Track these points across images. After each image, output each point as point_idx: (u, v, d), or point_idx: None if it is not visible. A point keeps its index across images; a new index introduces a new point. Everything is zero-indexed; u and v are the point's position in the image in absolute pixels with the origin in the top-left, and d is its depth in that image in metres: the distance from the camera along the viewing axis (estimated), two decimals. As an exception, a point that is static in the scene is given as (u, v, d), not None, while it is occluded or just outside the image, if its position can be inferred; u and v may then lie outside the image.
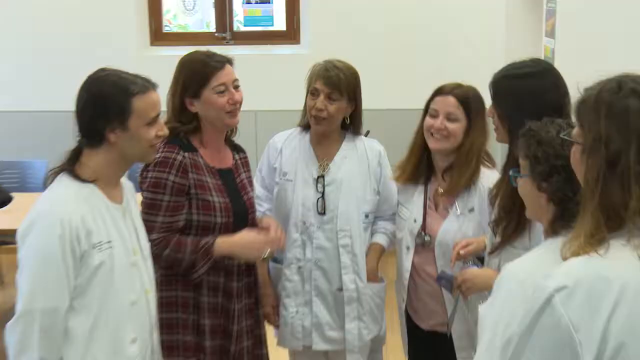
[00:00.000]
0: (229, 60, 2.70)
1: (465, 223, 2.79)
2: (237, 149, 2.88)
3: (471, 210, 2.79)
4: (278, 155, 3.07)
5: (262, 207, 3.08)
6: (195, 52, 2.73)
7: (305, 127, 3.07)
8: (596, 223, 1.42)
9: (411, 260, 2.89)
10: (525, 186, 1.92)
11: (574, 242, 1.44)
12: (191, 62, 2.68)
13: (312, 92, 2.95)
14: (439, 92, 2.82)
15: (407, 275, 2.91)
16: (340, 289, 3.01)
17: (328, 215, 2.99)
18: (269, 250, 2.71)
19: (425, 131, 2.82)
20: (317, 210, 2.99)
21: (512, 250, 2.32)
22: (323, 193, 2.99)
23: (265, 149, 3.14)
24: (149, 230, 2.50)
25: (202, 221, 2.65)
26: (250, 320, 2.83)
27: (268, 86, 5.51)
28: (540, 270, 1.44)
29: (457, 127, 2.77)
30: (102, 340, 2.14)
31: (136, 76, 2.18)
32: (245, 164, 2.88)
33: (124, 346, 2.19)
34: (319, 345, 3.06)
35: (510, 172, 1.99)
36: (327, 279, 3.02)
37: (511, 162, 2.32)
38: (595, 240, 1.42)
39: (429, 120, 2.81)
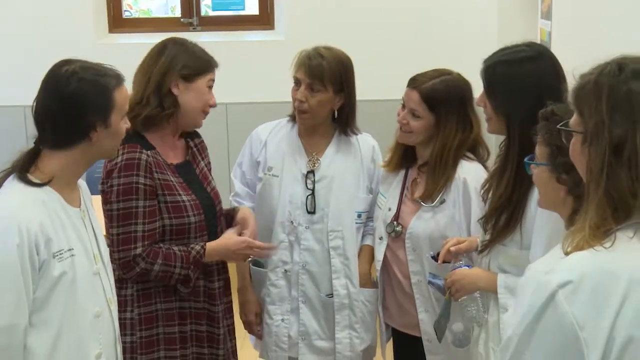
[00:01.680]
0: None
1: (437, 215, 2.83)
2: (190, 135, 2.83)
3: (443, 202, 2.82)
4: (262, 148, 3.05)
5: (242, 206, 3.09)
6: (187, 40, 2.75)
7: (294, 118, 3.05)
8: (602, 214, 1.42)
9: (383, 252, 2.93)
10: (542, 175, 1.93)
11: (577, 235, 1.44)
12: (192, 48, 2.71)
13: (294, 82, 2.95)
14: (409, 82, 2.86)
15: (378, 267, 2.96)
16: (330, 295, 3.00)
17: (318, 214, 2.98)
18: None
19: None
20: (306, 209, 2.98)
21: (504, 249, 2.36)
22: (313, 190, 2.99)
23: (247, 141, 3.12)
24: (130, 242, 2.51)
25: (176, 224, 2.63)
26: (230, 319, 2.84)
27: (240, 76, 5.49)
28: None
29: (418, 125, 2.81)
30: (64, 358, 2.12)
31: (105, 67, 2.19)
32: (202, 149, 2.86)
33: None
34: (306, 356, 3.05)
35: (526, 159, 2.00)
36: (316, 284, 3.01)
37: (511, 154, 2.35)
38: (600, 233, 1.42)
39: (399, 110, 2.88)
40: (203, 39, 5.64)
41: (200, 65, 2.67)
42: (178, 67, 2.64)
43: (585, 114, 1.48)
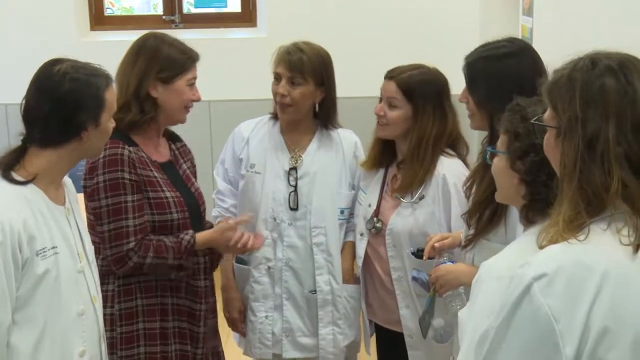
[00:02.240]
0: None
1: (417, 211, 2.85)
2: (173, 138, 2.86)
3: (422, 198, 2.84)
4: (244, 145, 3.06)
5: (225, 204, 3.09)
6: (165, 35, 2.73)
7: (276, 115, 3.06)
8: (575, 208, 1.44)
9: (364, 249, 2.95)
10: (499, 164, 1.95)
11: (551, 229, 1.46)
12: (169, 47, 2.68)
13: (275, 77, 2.96)
14: (386, 74, 2.89)
15: (360, 263, 2.97)
16: (313, 291, 3.02)
17: (301, 210, 3.00)
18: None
19: None
20: (289, 206, 2.99)
21: (488, 244, 2.37)
22: (296, 187, 3.00)
23: (229, 139, 3.13)
24: (123, 237, 2.53)
25: (159, 221, 2.64)
26: (214, 319, 2.85)
27: (222, 74, 5.48)
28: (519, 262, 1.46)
29: (396, 115, 2.83)
30: (48, 356, 2.11)
31: (95, 67, 2.20)
32: (184, 153, 2.87)
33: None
34: (290, 353, 3.06)
35: (487, 148, 2.02)
36: (299, 280, 3.03)
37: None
38: (574, 226, 1.44)
39: (377, 105, 2.89)
40: (185, 36, 5.61)
41: (178, 66, 2.67)
42: (154, 70, 2.63)
43: (559, 109, 1.50)
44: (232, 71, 5.49)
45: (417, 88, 2.81)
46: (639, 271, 1.41)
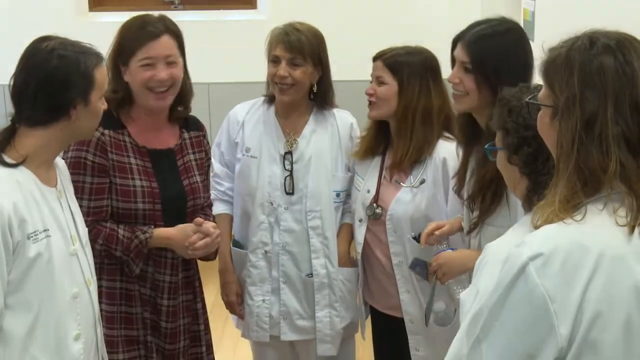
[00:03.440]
0: (170, 31, 2.63)
1: (417, 195, 2.86)
2: (189, 126, 2.81)
3: (422, 182, 2.85)
4: (240, 129, 3.07)
5: (221, 187, 3.11)
6: (141, 15, 2.68)
7: (270, 99, 3.07)
8: (572, 188, 1.45)
9: (363, 235, 2.96)
10: (500, 159, 1.96)
11: (546, 208, 1.47)
12: (128, 26, 2.64)
13: (272, 60, 2.96)
14: (373, 58, 2.93)
15: (359, 249, 2.99)
16: (310, 275, 3.04)
17: (297, 195, 3.01)
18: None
19: None
20: (285, 190, 3.01)
21: (494, 230, 2.37)
22: (291, 171, 3.01)
23: (225, 122, 3.14)
24: None
25: (122, 208, 2.62)
26: (188, 318, 2.78)
27: (221, 56, 5.48)
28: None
29: (384, 90, 2.86)
30: (42, 339, 2.10)
31: (85, 46, 2.18)
32: (197, 144, 2.81)
33: (67, 344, 2.16)
34: (288, 335, 3.09)
35: (486, 146, 2.03)
36: (296, 264, 3.05)
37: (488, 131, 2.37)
38: (570, 206, 1.45)
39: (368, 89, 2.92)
40: (184, 18, 5.63)
41: (130, 45, 2.60)
42: (115, 53, 2.62)
43: (556, 88, 1.51)
44: (232, 53, 5.49)
45: (402, 62, 2.85)
46: (633, 252, 1.43)
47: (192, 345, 2.81)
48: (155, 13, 2.71)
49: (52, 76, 2.10)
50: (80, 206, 2.52)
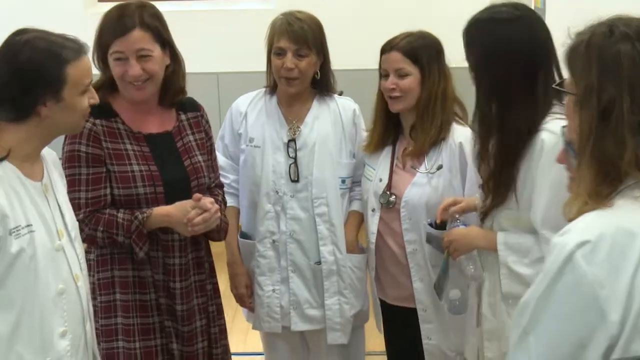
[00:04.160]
0: (144, 24, 2.59)
1: (433, 181, 2.86)
2: (185, 108, 2.80)
3: (440, 167, 2.85)
4: (242, 120, 3.08)
5: (226, 179, 3.10)
6: (119, 5, 2.63)
7: (272, 89, 3.08)
8: (595, 179, 1.45)
9: (377, 225, 2.95)
10: None
11: (576, 201, 1.48)
12: (106, 18, 2.62)
13: (277, 52, 2.95)
14: (384, 48, 2.89)
15: (373, 239, 2.97)
16: (319, 263, 3.05)
17: (302, 182, 3.02)
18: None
19: (384, 94, 2.90)
20: (290, 178, 3.01)
21: (507, 213, 2.36)
22: (295, 158, 3.01)
23: (227, 114, 3.15)
24: (74, 209, 2.51)
25: (124, 195, 2.63)
26: (202, 298, 2.80)
27: (231, 46, 5.48)
28: None
29: (409, 82, 2.84)
30: (27, 336, 2.06)
31: (66, 39, 2.11)
32: (196, 125, 2.81)
33: (53, 341, 2.11)
34: (298, 325, 3.10)
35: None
36: (304, 252, 3.05)
37: (482, 115, 2.35)
38: (599, 197, 1.45)
39: (382, 83, 2.90)
40: (194, 8, 5.62)
41: (104, 40, 2.60)
42: (96, 44, 2.61)
43: (577, 76, 1.51)
44: (241, 43, 5.47)
45: (419, 49, 2.84)
46: None
47: (208, 325, 2.83)
48: (136, 2, 2.65)
49: (20, 70, 2.04)
50: (79, 198, 2.56)
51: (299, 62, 2.92)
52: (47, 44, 2.06)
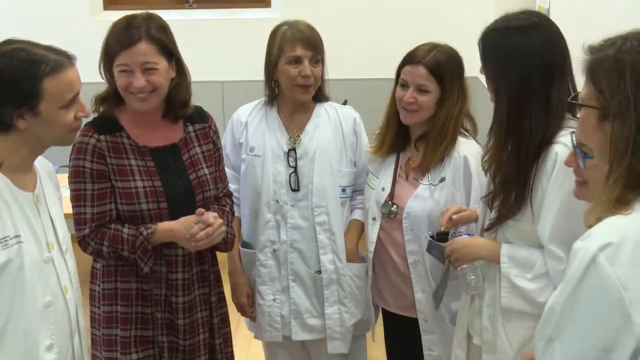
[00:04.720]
0: (150, 36, 2.57)
1: (436, 193, 2.86)
2: (193, 119, 2.80)
3: (442, 180, 2.85)
4: (243, 130, 3.09)
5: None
6: (127, 17, 2.63)
7: (271, 98, 3.08)
8: (624, 190, 1.47)
9: (377, 233, 2.96)
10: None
11: (596, 208, 1.49)
12: (113, 29, 2.61)
13: (293, 61, 2.94)
14: (409, 60, 2.87)
15: (372, 248, 2.98)
16: (319, 272, 3.06)
17: (302, 191, 3.03)
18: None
19: (397, 103, 2.89)
20: (290, 187, 3.02)
21: (514, 224, 2.35)
22: (295, 167, 3.02)
23: (228, 124, 3.17)
24: (81, 223, 2.56)
25: (127, 211, 2.65)
26: (204, 312, 2.81)
27: (236, 54, 5.50)
28: None
29: (428, 99, 2.84)
30: (10, 349, 2.03)
31: (49, 50, 2.08)
32: (203, 136, 2.80)
33: (39, 353, 2.09)
34: (299, 335, 3.11)
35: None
36: (305, 261, 3.06)
37: (499, 126, 2.34)
38: (620, 204, 1.47)
39: (399, 92, 2.88)
40: (199, 17, 5.63)
41: (110, 52, 2.59)
42: (102, 55, 2.63)
43: (605, 91, 1.52)
44: (246, 52, 5.48)
45: (445, 69, 2.82)
46: None
47: (210, 338, 2.84)
48: (143, 13, 2.66)
49: None
50: (85, 213, 2.59)
51: (314, 69, 2.95)
52: (25, 56, 2.02)
